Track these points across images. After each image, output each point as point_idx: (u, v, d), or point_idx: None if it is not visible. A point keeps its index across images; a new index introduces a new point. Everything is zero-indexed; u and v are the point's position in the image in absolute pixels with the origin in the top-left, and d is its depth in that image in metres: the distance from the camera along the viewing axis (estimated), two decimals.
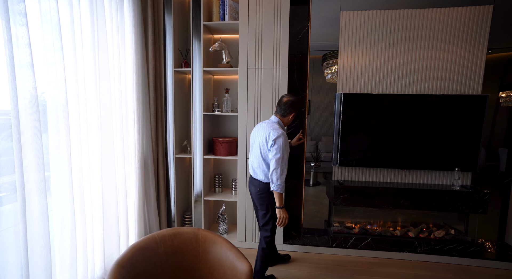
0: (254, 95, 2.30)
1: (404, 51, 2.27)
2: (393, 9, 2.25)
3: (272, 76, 2.26)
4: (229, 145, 2.42)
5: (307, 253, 2.39)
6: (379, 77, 2.32)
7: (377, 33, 2.29)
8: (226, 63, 2.37)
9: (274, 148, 1.60)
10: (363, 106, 2.29)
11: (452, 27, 2.20)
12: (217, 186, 2.60)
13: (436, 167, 2.28)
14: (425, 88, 2.29)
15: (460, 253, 2.25)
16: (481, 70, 2.21)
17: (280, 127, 1.71)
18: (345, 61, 2.34)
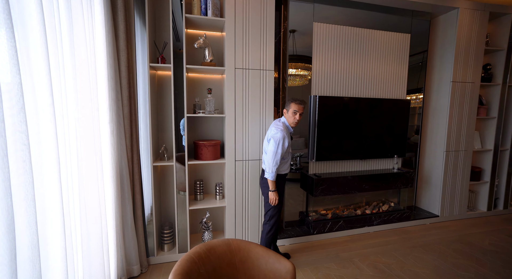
0: (242, 97, 2.27)
1: (360, 62, 2.77)
2: (352, 26, 2.70)
3: (259, 78, 2.30)
4: (214, 148, 2.30)
5: (293, 244, 2.58)
6: (344, 83, 2.74)
7: (342, 45, 2.69)
8: (210, 62, 2.23)
9: (271, 143, 1.91)
10: (334, 107, 2.65)
11: (388, 46, 2.85)
12: (198, 193, 2.42)
13: (382, 156, 2.90)
14: (375, 93, 2.86)
15: (399, 219, 2.96)
16: (405, 80, 2.96)
17: (282, 125, 1.97)
18: (317, 66, 2.63)
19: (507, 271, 2.14)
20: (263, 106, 2.33)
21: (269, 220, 2.06)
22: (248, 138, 2.32)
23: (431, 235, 2.77)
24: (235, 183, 2.32)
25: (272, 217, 2.05)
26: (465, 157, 3.13)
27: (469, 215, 3.26)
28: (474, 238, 2.73)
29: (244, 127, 2.30)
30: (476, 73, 3.03)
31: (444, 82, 3.02)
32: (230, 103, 2.24)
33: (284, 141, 1.89)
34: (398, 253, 2.40)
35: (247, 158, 2.34)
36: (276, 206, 2.03)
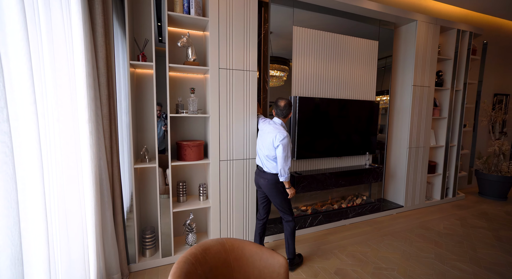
0: (227, 97, 2.28)
1: (336, 65, 2.95)
2: (328, 32, 2.87)
3: (243, 78, 2.33)
4: (198, 149, 2.27)
5: (277, 240, 2.65)
6: (321, 84, 2.89)
7: (319, 49, 2.84)
8: (193, 61, 2.20)
9: (280, 149, 1.91)
10: (313, 108, 2.79)
11: (359, 51, 3.08)
12: (181, 195, 2.36)
13: (356, 153, 3.13)
14: (349, 95, 3.07)
15: (370, 211, 3.22)
16: (374, 83, 3.23)
17: (284, 129, 1.98)
18: (297, 68, 2.75)
19: (459, 249, 2.47)
20: (247, 107, 2.36)
21: (290, 214, 2.15)
22: (232, 138, 2.33)
23: (398, 224, 3.07)
24: (219, 183, 2.32)
25: (292, 211, 2.16)
26: (424, 153, 3.53)
27: (427, 203, 3.68)
28: (432, 223, 3.09)
29: (229, 127, 2.31)
30: (431, 79, 3.43)
31: (406, 85, 3.36)
32: (214, 104, 2.23)
33: (290, 143, 1.97)
34: (372, 242, 2.62)
35: (231, 157, 2.35)
36: (289, 202, 2.15)
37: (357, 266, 2.18)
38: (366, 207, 3.21)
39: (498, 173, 4.05)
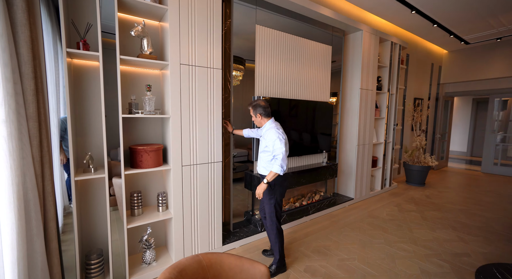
0: (189, 96, 2.07)
1: (296, 66, 3.02)
2: (289, 33, 2.91)
3: (207, 76, 2.15)
4: (157, 154, 2.00)
5: (244, 245, 2.57)
6: (283, 85, 2.92)
7: (280, 50, 2.85)
8: (150, 54, 1.92)
9: (278, 143, 1.95)
10: (277, 108, 2.79)
11: (316, 54, 3.24)
12: (135, 207, 2.05)
13: (314, 151, 3.29)
14: (307, 96, 3.19)
15: (327, 206, 3.44)
16: (328, 85, 3.45)
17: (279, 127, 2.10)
18: (260, 68, 2.70)
19: (400, 232, 2.85)
20: (211, 107, 2.20)
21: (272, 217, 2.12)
22: (196, 141, 2.14)
23: (351, 215, 3.36)
24: (182, 191, 2.10)
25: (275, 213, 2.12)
26: (368, 149, 3.96)
27: (371, 194, 4.15)
28: (377, 212, 3.49)
29: (192, 129, 2.11)
30: (374, 83, 3.87)
31: (355, 88, 3.70)
32: (175, 103, 2.00)
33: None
34: (332, 235, 2.79)
35: (195, 162, 2.15)
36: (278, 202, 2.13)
37: (323, 261, 2.27)
38: (324, 202, 3.41)
39: (419, 164, 4.86)
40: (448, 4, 3.79)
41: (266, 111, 2.08)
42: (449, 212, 3.52)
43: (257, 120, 2.12)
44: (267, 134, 2.06)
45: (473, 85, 6.23)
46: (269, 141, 2.03)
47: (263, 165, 2.14)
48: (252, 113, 2.13)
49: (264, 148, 2.11)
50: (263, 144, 2.12)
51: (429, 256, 2.35)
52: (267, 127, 2.10)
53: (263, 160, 2.13)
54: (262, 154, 2.15)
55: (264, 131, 2.12)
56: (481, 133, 8.67)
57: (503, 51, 5.61)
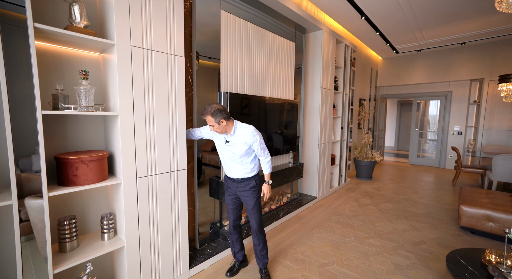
0: (144, 88, 1.62)
1: (261, 62, 2.80)
2: (255, 24, 2.67)
3: (167, 64, 1.73)
4: (99, 164, 1.49)
5: (215, 263, 2.23)
6: (248, 80, 2.66)
7: (246, 42, 2.58)
8: (84, 28, 1.40)
9: (258, 142, 1.83)
10: (243, 106, 2.52)
11: (281, 50, 3.09)
12: (67, 240, 1.49)
13: (282, 152, 3.14)
14: (273, 93, 3.01)
15: (295, 207, 3.35)
16: (292, 83, 3.36)
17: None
18: (226, 60, 2.38)
19: (365, 227, 2.95)
20: (173, 102, 1.79)
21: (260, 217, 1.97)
22: (154, 145, 1.70)
23: (318, 215, 3.35)
24: (138, 209, 1.64)
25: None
26: (328, 148, 4.06)
27: (331, 191, 4.28)
28: (340, 209, 3.58)
29: (149, 130, 1.66)
30: (331, 83, 3.98)
31: (316, 87, 3.72)
32: (126, 97, 1.53)
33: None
34: (305, 238, 2.68)
35: (154, 171, 1.71)
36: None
37: (304, 270, 2.12)
38: (292, 204, 3.31)
39: (367, 159, 5.31)
40: (389, 15, 4.18)
41: (227, 113, 1.74)
42: (397, 202, 3.87)
43: (221, 127, 1.72)
44: (243, 138, 1.78)
45: (400, 89, 7.20)
46: (253, 144, 1.79)
47: (244, 170, 1.87)
48: (214, 122, 1.69)
49: (242, 154, 1.82)
50: (237, 149, 1.81)
51: (396, 249, 2.46)
52: (239, 131, 1.79)
53: (244, 165, 1.86)
54: (242, 160, 1.85)
55: (236, 135, 1.80)
56: (404, 130, 10.20)
57: (422, 61, 6.64)
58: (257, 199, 1.92)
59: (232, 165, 1.87)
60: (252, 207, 1.90)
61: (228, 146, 1.82)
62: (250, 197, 1.89)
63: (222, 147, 1.86)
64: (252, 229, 1.98)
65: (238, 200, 1.99)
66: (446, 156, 6.55)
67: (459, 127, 6.31)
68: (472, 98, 6.13)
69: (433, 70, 6.51)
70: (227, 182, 1.97)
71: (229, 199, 1.98)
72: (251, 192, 1.89)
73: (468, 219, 2.71)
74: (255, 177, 1.91)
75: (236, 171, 1.88)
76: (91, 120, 1.65)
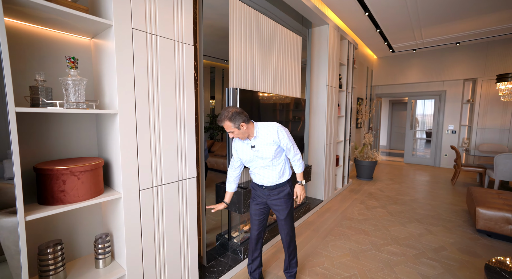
0: (148, 80, 1.34)
1: (269, 56, 2.56)
2: (263, 15, 2.42)
3: (174, 53, 1.45)
4: (93, 175, 1.20)
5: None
6: (257, 76, 2.41)
7: (255, 33, 2.33)
8: (72, 2, 1.10)
9: (286, 138, 1.60)
10: (253, 103, 2.27)
11: (288, 44, 2.87)
12: (52, 271, 1.18)
13: None
14: (281, 90, 2.78)
15: (303, 213, 3.14)
16: (299, 79, 3.14)
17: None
18: (235, 54, 2.12)
19: (379, 232, 2.79)
20: (180, 98, 1.51)
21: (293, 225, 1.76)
22: (160, 150, 1.42)
23: (327, 220, 3.16)
24: (141, 227, 1.35)
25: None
26: (333, 148, 3.88)
27: (335, 193, 4.11)
28: (349, 212, 3.41)
29: (153, 132, 1.38)
30: (336, 80, 3.80)
31: (322, 85, 3.53)
32: (127, 91, 1.24)
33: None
34: (320, 248, 2.47)
35: (160, 181, 1.43)
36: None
37: None
38: (300, 209, 3.10)
39: (368, 159, 5.20)
40: (393, 12, 4.07)
41: (246, 116, 1.51)
42: (404, 204, 3.76)
43: (242, 132, 1.51)
44: (269, 137, 1.54)
45: (395, 88, 7.21)
46: (282, 140, 1.57)
47: (277, 174, 1.65)
48: (233, 127, 1.48)
49: (273, 155, 1.58)
50: (266, 152, 1.57)
51: (418, 257, 2.31)
52: (262, 131, 1.57)
53: (277, 168, 1.63)
54: (274, 162, 1.61)
55: (260, 137, 1.56)
56: (396, 129, 10.33)
57: (417, 61, 6.66)
58: (291, 208, 1.70)
59: (263, 171, 1.64)
60: (284, 217, 1.67)
61: (255, 151, 1.58)
62: (283, 206, 1.66)
63: (249, 155, 1.61)
64: (284, 243, 1.76)
65: (267, 209, 1.76)
66: (441, 154, 6.61)
67: (453, 126, 6.38)
68: (465, 97, 6.21)
69: (428, 70, 6.54)
70: (256, 190, 1.73)
71: (256, 208, 1.74)
72: (285, 200, 1.66)
73: (486, 221, 2.61)
74: (289, 182, 1.69)
75: (268, 178, 1.64)
76: (82, 120, 1.35)
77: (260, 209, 1.73)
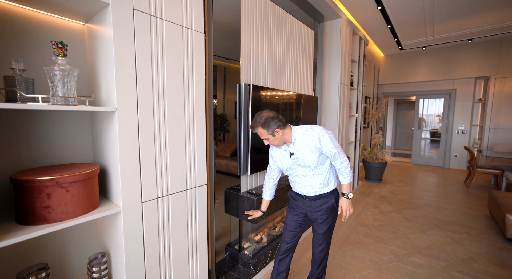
0: (152, 73, 1.13)
1: (282, 49, 2.35)
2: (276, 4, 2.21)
3: (182, 40, 1.24)
4: (87, 186, 0.99)
5: None
6: (270, 71, 2.20)
7: (268, 25, 2.12)
8: None
9: (329, 142, 1.38)
10: (268, 101, 2.06)
11: (301, 37, 2.66)
12: None
13: None
14: (294, 87, 2.57)
15: None
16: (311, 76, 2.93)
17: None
18: (246, 45, 1.91)
19: (399, 241, 2.58)
20: (189, 95, 1.31)
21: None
22: (166, 154, 1.21)
23: (341, 226, 2.95)
24: (144, 245, 1.14)
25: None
26: (345, 149, 3.68)
27: None
28: (363, 218, 3.21)
29: (158, 134, 1.17)
30: (348, 78, 3.60)
31: (333, 82, 3.32)
32: (127, 85, 1.03)
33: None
34: (338, 258, 2.27)
35: (166, 191, 1.22)
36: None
37: None
38: None
39: (377, 161, 5.00)
40: (407, 7, 3.86)
41: (281, 120, 1.35)
42: (419, 208, 3.56)
43: (277, 138, 1.35)
44: (310, 143, 1.35)
45: (402, 87, 7.00)
46: (324, 146, 1.35)
47: (320, 184, 1.44)
48: (267, 134, 1.33)
49: (315, 163, 1.39)
50: (307, 160, 1.38)
51: (447, 269, 2.10)
52: (301, 136, 1.38)
53: (320, 177, 1.43)
54: (317, 170, 1.42)
55: (299, 143, 1.38)
56: (401, 129, 10.13)
57: (426, 59, 6.46)
58: (333, 222, 1.50)
59: (304, 180, 1.45)
60: (324, 231, 1.47)
61: (294, 159, 1.39)
62: (324, 220, 1.46)
63: (287, 163, 1.44)
64: (315, 259, 1.56)
65: (305, 222, 1.56)
66: (450, 155, 6.41)
67: (463, 126, 6.18)
68: (477, 96, 6.00)
69: (437, 68, 6.34)
70: (296, 199, 1.54)
71: (293, 219, 1.54)
72: (327, 214, 1.45)
73: None
74: (334, 193, 1.48)
75: (310, 187, 1.44)
76: (73, 119, 1.14)
77: (298, 220, 1.53)
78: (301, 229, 1.57)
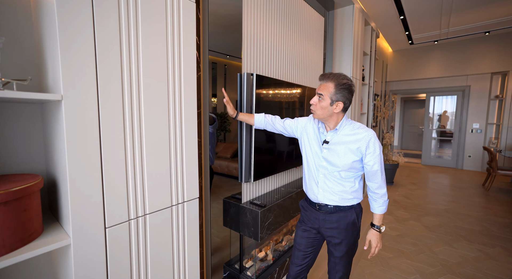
0: (121, 48, 0.82)
1: (289, 35, 2.04)
2: None
3: (165, 9, 0.93)
4: (21, 207, 0.68)
5: None
6: (275, 59, 1.89)
7: (273, 6, 1.81)
8: None
9: (377, 154, 1.10)
10: (273, 94, 1.75)
11: (310, 25, 2.34)
12: None
13: None
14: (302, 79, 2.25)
15: None
16: (321, 68, 2.61)
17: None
18: (249, 29, 1.60)
19: (422, 255, 2.26)
20: (175, 81, 0.99)
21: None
22: (143, 162, 0.90)
23: None
24: None
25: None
26: None
27: None
28: None
29: (132, 133, 0.86)
30: (360, 72, 3.28)
31: None
32: (80, 65, 0.72)
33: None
34: (354, 276, 1.95)
35: (142, 210, 0.91)
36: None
37: None
38: None
39: (388, 162, 4.67)
40: None
41: (350, 101, 1.08)
42: (439, 215, 3.23)
43: (325, 109, 1.07)
44: (355, 140, 1.07)
45: (412, 84, 6.66)
46: (368, 155, 1.06)
47: (342, 192, 1.14)
48: (328, 95, 1.05)
49: (346, 165, 1.09)
50: (339, 157, 1.09)
51: None
52: (349, 128, 1.10)
53: (344, 184, 1.13)
54: (342, 174, 1.12)
55: (341, 134, 1.10)
56: (408, 128, 9.77)
57: (437, 54, 6.11)
58: (354, 245, 1.18)
59: (323, 182, 1.14)
60: (341, 255, 1.17)
61: (326, 148, 1.11)
62: (342, 240, 1.15)
63: (314, 149, 1.16)
64: None
65: (319, 241, 1.25)
66: (463, 155, 6.06)
67: (478, 125, 5.83)
68: (493, 93, 5.65)
69: (450, 63, 5.99)
70: (307, 210, 1.24)
71: (303, 236, 1.24)
72: (345, 233, 1.14)
73: None
74: (356, 208, 1.17)
75: (329, 192, 1.14)
76: (13, 112, 0.83)
77: (309, 238, 1.22)
78: (313, 249, 1.26)
